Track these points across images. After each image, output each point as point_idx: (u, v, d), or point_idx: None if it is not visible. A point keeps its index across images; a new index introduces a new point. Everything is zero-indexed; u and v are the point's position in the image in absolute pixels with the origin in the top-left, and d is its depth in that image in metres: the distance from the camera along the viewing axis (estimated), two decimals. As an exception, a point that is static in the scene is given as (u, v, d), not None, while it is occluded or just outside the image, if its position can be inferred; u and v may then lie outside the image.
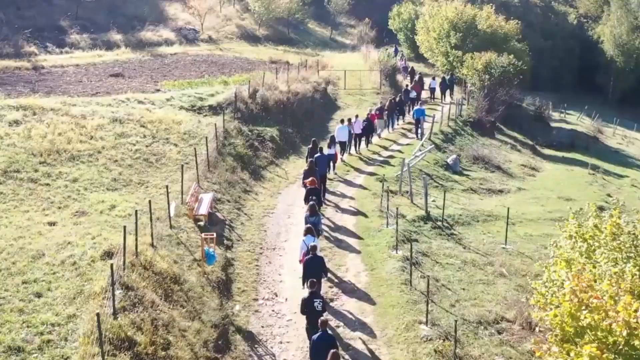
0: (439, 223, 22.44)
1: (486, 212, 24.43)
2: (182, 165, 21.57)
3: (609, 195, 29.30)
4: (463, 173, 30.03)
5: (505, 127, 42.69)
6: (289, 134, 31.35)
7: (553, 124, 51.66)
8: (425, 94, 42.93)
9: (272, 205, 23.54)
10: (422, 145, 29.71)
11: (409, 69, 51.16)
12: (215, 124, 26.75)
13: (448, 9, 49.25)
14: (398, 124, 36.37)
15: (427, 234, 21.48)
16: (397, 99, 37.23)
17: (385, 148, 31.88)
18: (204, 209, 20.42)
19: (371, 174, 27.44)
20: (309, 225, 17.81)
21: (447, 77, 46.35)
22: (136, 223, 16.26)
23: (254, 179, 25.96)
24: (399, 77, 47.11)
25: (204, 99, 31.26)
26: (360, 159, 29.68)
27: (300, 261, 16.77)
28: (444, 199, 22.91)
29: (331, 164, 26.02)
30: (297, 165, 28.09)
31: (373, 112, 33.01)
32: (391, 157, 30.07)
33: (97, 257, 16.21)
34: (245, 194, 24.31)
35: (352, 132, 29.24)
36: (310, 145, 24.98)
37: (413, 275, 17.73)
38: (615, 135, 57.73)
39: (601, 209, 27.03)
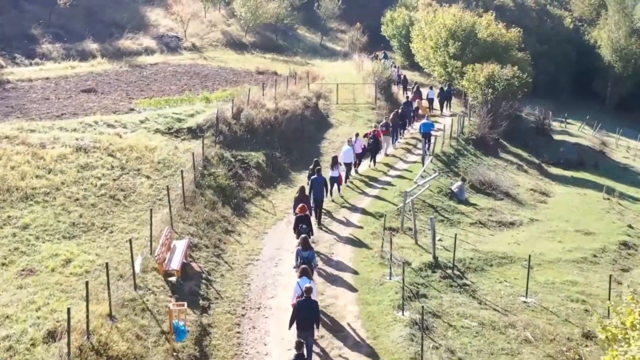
0: (449, 271, 19.53)
1: (500, 253, 21.54)
2: (151, 210, 18.54)
3: (630, 226, 26.56)
4: (469, 202, 27.16)
5: (508, 144, 39.92)
6: (277, 158, 28.35)
7: (556, 136, 48.99)
8: (424, 104, 40.40)
9: (257, 250, 20.53)
10: (425, 171, 26.80)
11: (402, 77, 48.58)
12: (194, 153, 23.73)
13: (446, 16, 46.43)
14: (401, 139, 34.02)
15: (436, 287, 18.55)
16: (400, 111, 34.74)
17: (391, 166, 29.50)
18: (176, 262, 17.39)
19: (376, 197, 25.30)
20: (304, 265, 15.55)
21: (445, 88, 43.75)
22: (87, 293, 13.21)
23: (237, 215, 22.94)
24: (394, 89, 44.20)
25: (182, 120, 28.21)
26: (364, 180, 27.29)
27: (292, 305, 14.71)
28: (455, 242, 20.00)
29: (335, 185, 24.64)
30: (285, 197, 25.13)
31: (379, 129, 30.48)
32: (399, 176, 27.89)
33: (39, 338, 13.19)
34: (226, 235, 21.29)
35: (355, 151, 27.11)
36: (311, 166, 23.24)
37: (425, 345, 14.81)
38: (619, 147, 55.27)
39: (625, 245, 24.50)
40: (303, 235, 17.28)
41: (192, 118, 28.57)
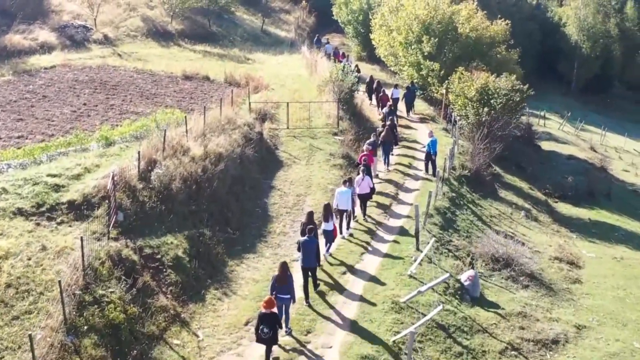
0: None
1: None
2: None
3: None
4: (487, 300, 18.88)
5: (500, 169, 31.85)
6: (206, 242, 19.26)
7: (544, 145, 41.56)
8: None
9: None
10: (429, 258, 18.34)
11: (354, 67, 40.45)
12: (73, 258, 14.55)
13: (417, 5, 37.66)
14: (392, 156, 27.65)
15: None
16: (389, 122, 27.80)
17: (394, 197, 23.66)
18: None
19: (387, 255, 19.38)
20: None
21: (410, 87, 35.80)
22: None
23: (137, 380, 13.98)
24: (359, 99, 35.31)
25: (61, 188, 18.67)
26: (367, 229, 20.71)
27: None
28: None
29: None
30: (220, 318, 16.26)
31: (366, 152, 24.29)
32: (408, 217, 21.43)
33: None
34: None
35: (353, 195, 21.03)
36: (304, 220, 18.30)
37: None
38: (607, 151, 48.35)
39: None
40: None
41: (77, 183, 19.10)
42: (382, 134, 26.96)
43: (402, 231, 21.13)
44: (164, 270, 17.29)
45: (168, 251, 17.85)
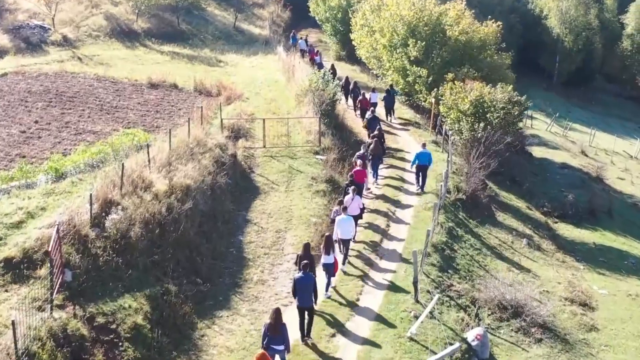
0: None
1: None
2: None
3: None
4: (497, 361, 16.44)
5: (495, 186, 29.43)
6: (172, 301, 16.44)
7: (535, 152, 39.35)
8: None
9: None
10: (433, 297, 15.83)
11: (326, 67, 38.32)
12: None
13: (401, 4, 34.93)
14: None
15: None
16: (377, 132, 26.48)
17: (390, 216, 22.25)
18: None
19: (381, 310, 16.77)
20: None
21: (391, 90, 33.61)
22: None
23: None
24: (340, 108, 32.62)
25: (-3, 241, 15.78)
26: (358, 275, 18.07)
27: None
28: None
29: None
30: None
31: (359, 167, 22.49)
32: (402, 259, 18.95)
33: None
34: None
35: None
36: (300, 252, 16.60)
37: None
38: (598, 154, 46.37)
39: None
40: None
41: (17, 233, 16.17)
42: (371, 146, 24.93)
43: (397, 277, 18.55)
44: (120, 344, 14.44)
45: (125, 319, 15.00)
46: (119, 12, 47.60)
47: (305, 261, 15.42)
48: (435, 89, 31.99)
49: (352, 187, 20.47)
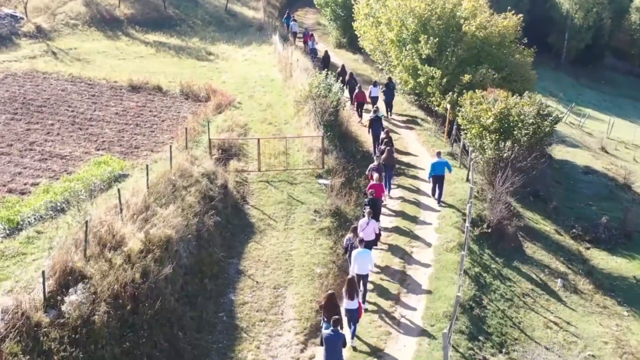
0: None
1: None
2: None
3: None
4: None
5: (518, 204, 26.18)
6: (146, 405, 13.32)
7: (555, 153, 36.00)
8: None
9: None
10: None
11: (322, 56, 36.67)
12: None
13: (411, -5, 31.18)
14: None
15: None
16: (385, 136, 24.55)
17: (410, 236, 20.46)
18: None
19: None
20: None
21: (390, 84, 30.85)
22: None
23: None
24: (344, 115, 29.13)
25: None
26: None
27: None
28: None
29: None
30: None
31: (375, 181, 20.61)
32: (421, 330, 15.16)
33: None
34: None
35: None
36: (323, 302, 14.70)
37: None
38: (618, 149, 43.24)
39: None
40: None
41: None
42: (383, 156, 22.66)
43: (420, 353, 15.42)
44: None
45: None
46: (100, -4, 43.62)
47: (336, 317, 13.56)
48: (450, 93, 28.57)
49: (369, 209, 18.61)
